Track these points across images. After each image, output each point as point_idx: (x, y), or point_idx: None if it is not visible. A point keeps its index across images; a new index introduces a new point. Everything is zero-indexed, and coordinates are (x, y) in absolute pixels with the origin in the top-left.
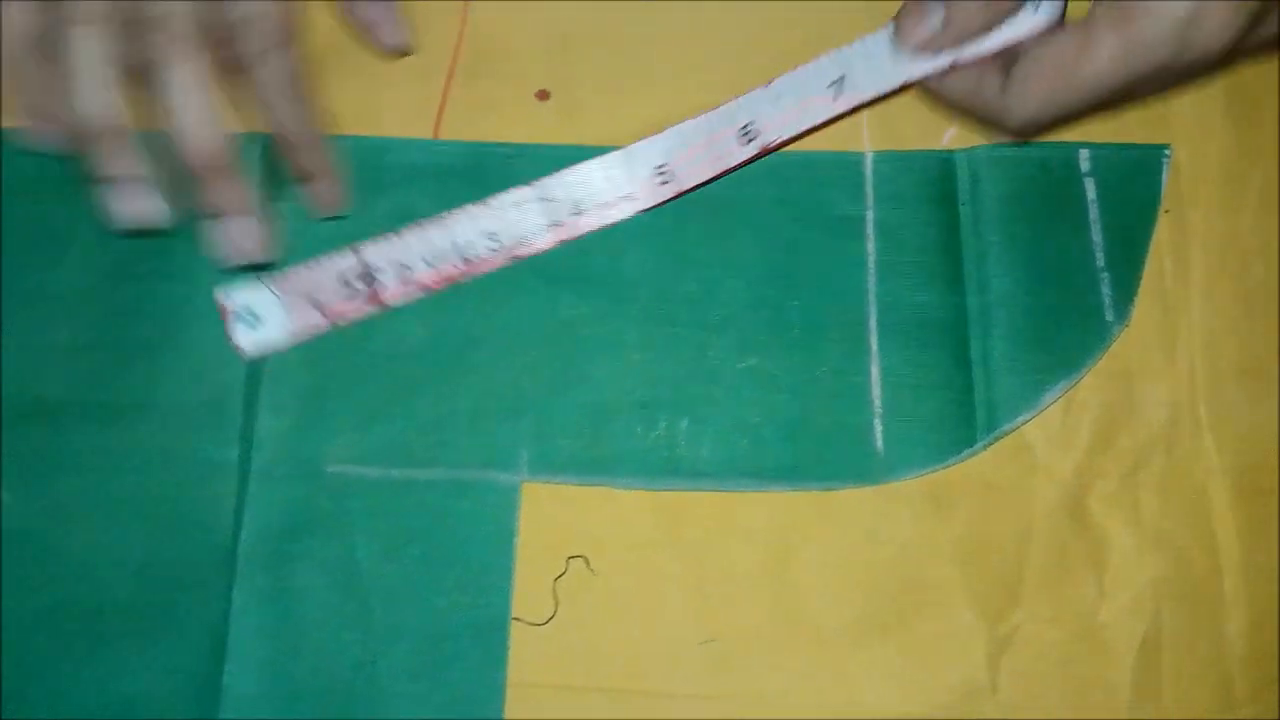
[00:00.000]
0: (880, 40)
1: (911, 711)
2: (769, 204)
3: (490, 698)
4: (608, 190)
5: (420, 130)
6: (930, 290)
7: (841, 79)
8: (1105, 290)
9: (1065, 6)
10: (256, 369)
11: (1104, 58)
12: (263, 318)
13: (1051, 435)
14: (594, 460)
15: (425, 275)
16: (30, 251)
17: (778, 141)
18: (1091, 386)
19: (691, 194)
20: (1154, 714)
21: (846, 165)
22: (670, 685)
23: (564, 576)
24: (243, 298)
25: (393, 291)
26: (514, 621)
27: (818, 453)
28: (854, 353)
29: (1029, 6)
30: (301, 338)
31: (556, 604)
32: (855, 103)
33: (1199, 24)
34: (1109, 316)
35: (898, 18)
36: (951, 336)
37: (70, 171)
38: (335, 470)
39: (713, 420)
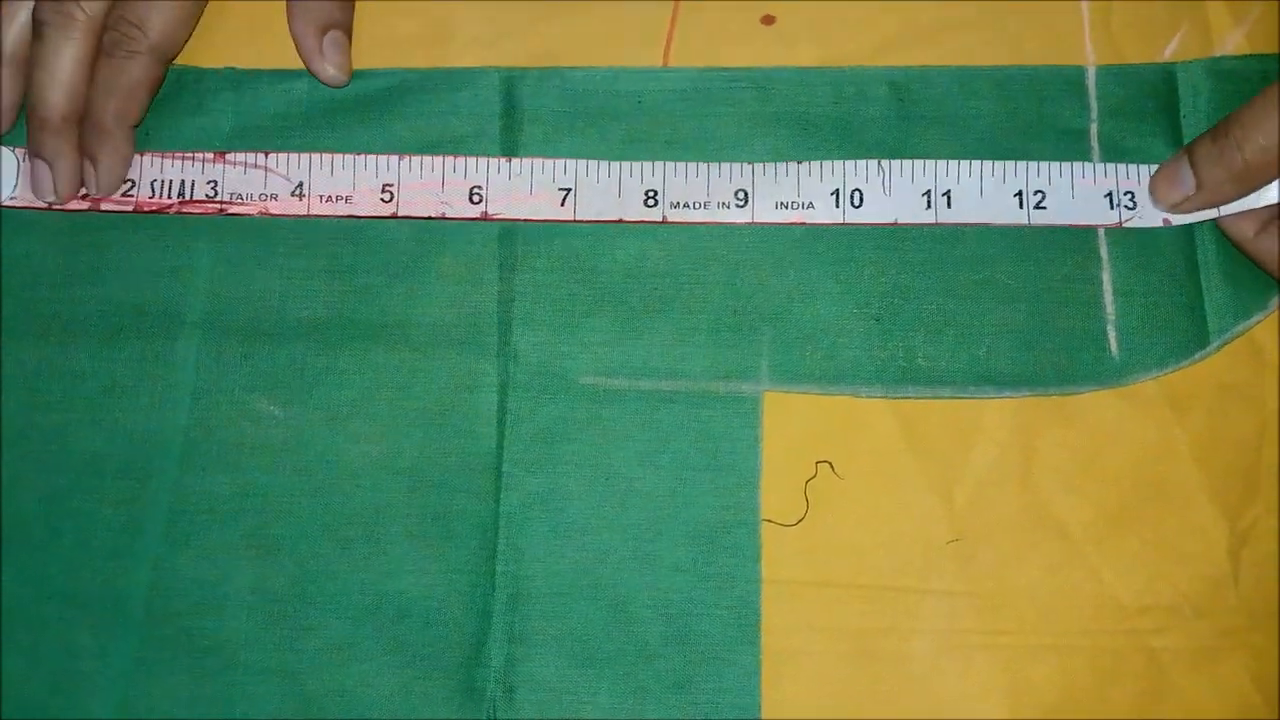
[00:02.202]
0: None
1: (1160, 600)
2: (995, 118)
3: (748, 591)
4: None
5: (650, 59)
6: None
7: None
8: None
9: None
10: (509, 290)
11: None
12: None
13: None
14: (832, 371)
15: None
16: None
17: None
18: None
19: (915, 111)
20: None
21: (1070, 79)
22: (921, 582)
23: (814, 480)
24: None
25: (110, 202)
26: (765, 523)
27: (1053, 359)
28: (1085, 261)
29: None
30: (17, 204)
31: (807, 506)
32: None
33: None
34: None
35: (1153, 179)
36: (1180, 241)
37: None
38: (587, 382)
39: (948, 331)
